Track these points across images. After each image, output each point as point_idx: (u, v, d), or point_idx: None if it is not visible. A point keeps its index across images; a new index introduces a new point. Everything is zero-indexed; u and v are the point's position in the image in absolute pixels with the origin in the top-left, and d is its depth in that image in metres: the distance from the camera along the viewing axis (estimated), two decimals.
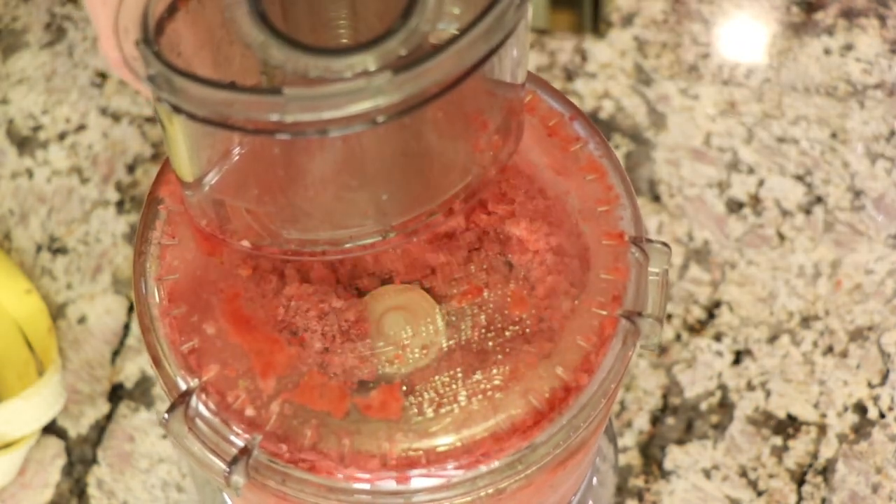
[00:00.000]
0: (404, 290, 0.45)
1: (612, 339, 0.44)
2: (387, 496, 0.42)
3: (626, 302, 0.45)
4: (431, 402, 0.43)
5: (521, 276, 0.45)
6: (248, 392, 0.43)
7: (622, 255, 0.46)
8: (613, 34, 0.79)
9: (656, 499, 0.65)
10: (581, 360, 0.44)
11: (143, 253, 0.46)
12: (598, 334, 0.44)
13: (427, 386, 0.43)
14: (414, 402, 0.43)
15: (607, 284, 0.45)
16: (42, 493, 0.66)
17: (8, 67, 0.79)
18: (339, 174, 0.41)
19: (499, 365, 0.44)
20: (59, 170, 0.75)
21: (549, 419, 0.43)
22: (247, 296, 0.45)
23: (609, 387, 0.44)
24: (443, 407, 0.43)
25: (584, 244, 0.46)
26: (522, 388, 0.43)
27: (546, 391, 0.43)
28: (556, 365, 0.44)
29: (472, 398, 0.43)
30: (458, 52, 0.36)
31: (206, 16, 0.40)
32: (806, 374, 0.68)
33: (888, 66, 0.78)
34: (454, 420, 0.43)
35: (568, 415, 0.43)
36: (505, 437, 0.42)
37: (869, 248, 0.72)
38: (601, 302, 0.45)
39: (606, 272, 0.46)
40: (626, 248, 0.46)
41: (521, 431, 0.42)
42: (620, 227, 0.47)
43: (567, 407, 0.43)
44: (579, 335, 0.44)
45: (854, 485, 0.65)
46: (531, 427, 0.43)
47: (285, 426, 0.43)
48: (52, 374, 0.65)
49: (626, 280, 0.46)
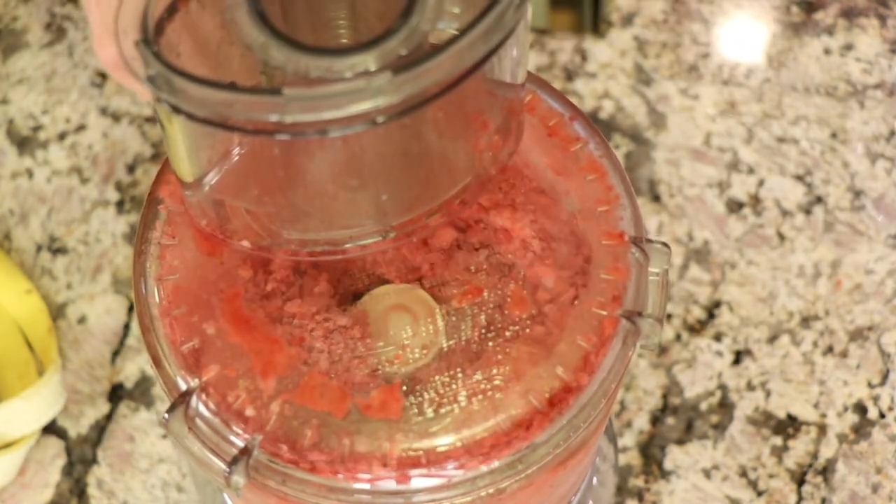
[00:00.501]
0: (404, 290, 0.45)
1: (612, 340, 0.44)
2: (387, 496, 0.42)
3: (627, 302, 0.45)
4: (432, 402, 0.43)
5: (509, 265, 0.45)
6: (248, 392, 0.43)
7: (622, 256, 0.46)
8: (613, 34, 0.79)
9: (656, 499, 0.65)
10: (581, 361, 0.44)
11: (143, 253, 0.46)
12: (598, 334, 0.44)
13: (427, 386, 0.43)
14: (414, 402, 0.43)
15: (607, 284, 0.45)
16: (42, 493, 0.66)
17: (8, 67, 0.79)
18: (339, 174, 0.41)
19: (499, 365, 0.44)
20: (59, 170, 0.75)
21: (550, 419, 0.43)
22: (247, 296, 0.45)
23: (609, 387, 0.44)
24: (443, 407, 0.43)
25: (582, 239, 0.46)
26: (522, 388, 0.43)
27: (546, 391, 0.43)
28: (556, 365, 0.44)
29: (473, 398, 0.43)
30: (458, 52, 0.36)
31: (206, 17, 0.40)
32: (806, 374, 0.68)
33: (888, 66, 0.78)
34: (454, 420, 0.43)
35: (568, 415, 0.43)
36: (505, 436, 0.42)
37: (869, 248, 0.72)
38: (601, 302, 0.45)
39: (606, 272, 0.46)
40: (627, 249, 0.46)
41: (522, 431, 0.42)
42: (620, 227, 0.47)
43: (567, 407, 0.43)
44: (579, 335, 0.44)
45: (854, 485, 0.65)
46: (531, 427, 0.43)
47: (286, 426, 0.43)
48: (52, 374, 0.65)
49: (627, 280, 0.46)
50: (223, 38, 0.40)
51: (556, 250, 0.46)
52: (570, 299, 0.45)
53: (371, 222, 0.42)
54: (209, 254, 0.45)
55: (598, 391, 0.44)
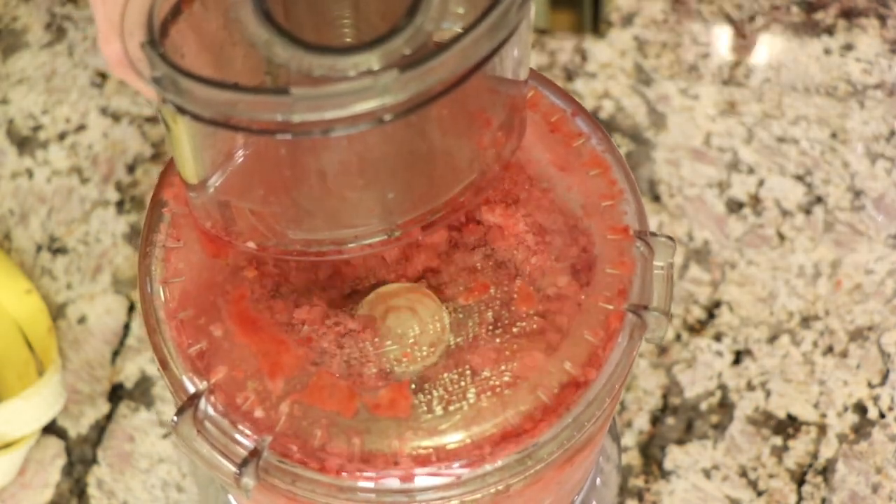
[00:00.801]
0: (409, 289, 0.45)
1: (618, 334, 0.44)
2: (396, 494, 0.42)
3: (632, 296, 0.45)
4: (440, 399, 0.43)
5: (511, 261, 0.46)
6: (257, 393, 0.43)
7: (627, 250, 0.46)
8: (613, 34, 0.79)
9: (656, 499, 0.65)
10: (588, 355, 0.44)
11: (147, 255, 0.46)
12: (604, 328, 0.44)
13: (436, 384, 0.43)
14: (423, 400, 0.43)
15: (613, 279, 0.45)
16: (42, 493, 0.66)
17: (8, 67, 0.79)
18: (344, 173, 0.41)
19: (507, 361, 0.44)
20: (59, 170, 0.75)
21: (558, 415, 0.43)
22: (253, 297, 0.45)
23: (615, 382, 0.44)
24: (452, 404, 0.43)
25: (583, 232, 0.46)
26: (530, 384, 0.43)
27: (554, 386, 0.43)
28: (563, 360, 0.44)
29: (481, 395, 0.43)
30: (462, 50, 0.36)
31: (209, 17, 0.40)
32: (806, 374, 0.68)
33: (888, 66, 0.78)
34: (463, 417, 0.43)
35: (575, 411, 0.43)
36: (514, 433, 0.42)
37: (869, 248, 0.72)
38: (607, 296, 0.45)
39: (612, 266, 0.46)
40: (632, 243, 0.46)
41: (530, 427, 0.43)
42: (625, 221, 0.47)
43: (574, 403, 0.43)
44: (586, 330, 0.44)
45: (854, 485, 0.65)
46: (539, 423, 0.43)
47: (295, 427, 0.43)
48: (52, 374, 0.65)
49: (632, 274, 0.46)
50: (226, 39, 0.40)
51: (551, 243, 0.46)
52: (575, 294, 0.45)
53: (376, 221, 0.42)
54: (214, 256, 0.45)
55: (605, 386, 0.44)
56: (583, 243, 0.46)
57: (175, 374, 0.44)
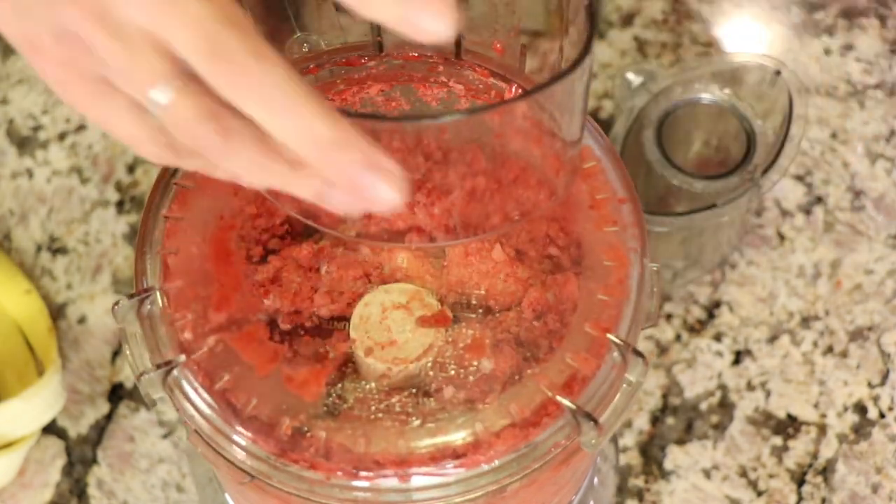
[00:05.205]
0: (407, 290, 0.45)
1: (552, 424, 0.43)
2: (390, 493, 0.42)
3: (584, 397, 0.44)
4: (438, 400, 0.43)
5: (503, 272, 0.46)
6: (196, 315, 0.44)
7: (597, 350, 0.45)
8: (613, 34, 0.79)
9: (656, 499, 0.65)
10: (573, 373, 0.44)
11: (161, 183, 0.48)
12: (537, 413, 0.44)
13: (430, 384, 0.44)
14: (417, 400, 0.43)
15: (566, 367, 0.44)
16: (42, 493, 0.66)
17: (8, 67, 0.79)
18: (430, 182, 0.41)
19: (501, 363, 0.44)
20: (59, 170, 0.75)
21: (552, 417, 0.43)
22: (240, 232, 0.46)
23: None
24: (450, 405, 0.43)
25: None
26: (525, 388, 0.43)
27: (555, 386, 0.43)
28: (562, 358, 0.44)
29: (475, 396, 0.43)
30: None
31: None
32: (806, 374, 0.68)
33: (888, 66, 0.78)
34: (461, 418, 0.43)
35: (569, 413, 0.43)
36: (508, 434, 0.42)
37: (869, 248, 0.72)
38: (553, 382, 0.44)
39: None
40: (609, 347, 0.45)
41: (524, 429, 0.43)
42: (614, 324, 0.45)
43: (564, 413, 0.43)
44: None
45: (854, 485, 0.65)
46: (534, 424, 0.43)
47: (211, 362, 0.43)
48: (52, 375, 0.65)
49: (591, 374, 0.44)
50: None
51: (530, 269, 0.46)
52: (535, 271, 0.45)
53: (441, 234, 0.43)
54: (235, 193, 0.46)
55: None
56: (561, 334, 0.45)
57: (143, 265, 0.45)
